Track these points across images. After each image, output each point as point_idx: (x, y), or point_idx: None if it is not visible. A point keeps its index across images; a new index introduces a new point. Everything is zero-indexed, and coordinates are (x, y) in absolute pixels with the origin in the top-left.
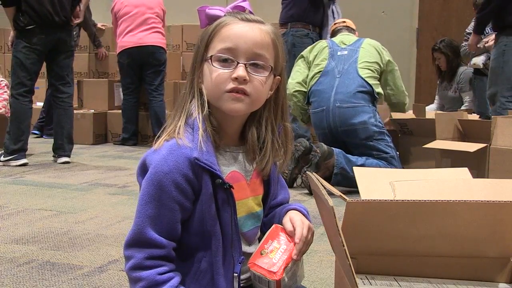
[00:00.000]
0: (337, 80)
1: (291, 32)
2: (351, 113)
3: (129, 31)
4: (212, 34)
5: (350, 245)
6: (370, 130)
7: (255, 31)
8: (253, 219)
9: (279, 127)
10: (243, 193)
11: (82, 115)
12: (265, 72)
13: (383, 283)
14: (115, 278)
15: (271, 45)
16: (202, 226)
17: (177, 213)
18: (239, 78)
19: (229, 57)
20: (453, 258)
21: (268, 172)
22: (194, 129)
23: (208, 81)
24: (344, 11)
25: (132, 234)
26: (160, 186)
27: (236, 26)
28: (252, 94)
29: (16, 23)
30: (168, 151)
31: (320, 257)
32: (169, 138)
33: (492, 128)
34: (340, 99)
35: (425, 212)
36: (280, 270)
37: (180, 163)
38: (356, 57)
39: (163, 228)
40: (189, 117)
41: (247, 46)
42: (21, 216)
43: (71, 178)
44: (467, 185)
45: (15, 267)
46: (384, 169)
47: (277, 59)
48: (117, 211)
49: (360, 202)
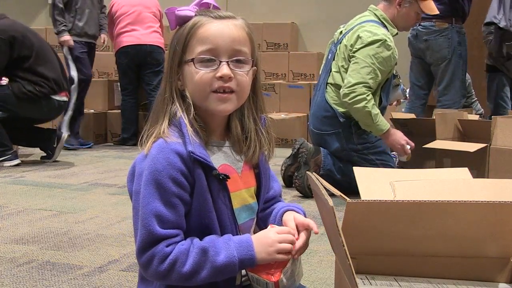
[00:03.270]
0: (315, 96)
1: (455, 28)
2: (324, 140)
3: (127, 30)
4: (189, 36)
5: (350, 245)
6: (350, 155)
7: (231, 28)
8: (248, 211)
9: (262, 118)
10: (236, 185)
11: None
12: (247, 67)
13: (383, 283)
14: (115, 278)
15: (247, 39)
16: (200, 219)
17: (180, 207)
18: (224, 76)
19: (212, 57)
20: (453, 258)
21: (256, 161)
22: (181, 126)
23: (191, 84)
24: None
25: (143, 237)
26: (158, 184)
27: (212, 25)
28: (238, 90)
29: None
30: (158, 150)
31: (320, 257)
32: (155, 139)
33: (492, 128)
34: (313, 122)
35: (425, 212)
36: (277, 271)
37: (172, 159)
38: (331, 64)
39: (170, 225)
40: (172, 118)
41: (227, 44)
42: (21, 216)
43: (71, 178)
44: (467, 185)
45: (15, 267)
46: (384, 169)
47: (253, 51)
48: (117, 211)
49: (360, 202)
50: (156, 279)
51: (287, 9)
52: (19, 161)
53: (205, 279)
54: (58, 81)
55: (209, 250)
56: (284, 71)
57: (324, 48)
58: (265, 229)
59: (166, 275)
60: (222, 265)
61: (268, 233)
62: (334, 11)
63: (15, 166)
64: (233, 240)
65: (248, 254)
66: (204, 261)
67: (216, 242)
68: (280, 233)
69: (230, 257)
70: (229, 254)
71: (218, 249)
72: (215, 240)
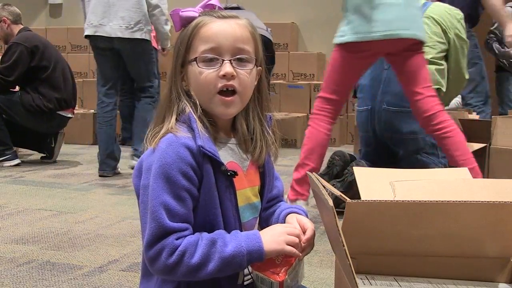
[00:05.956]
0: (385, 73)
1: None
2: (400, 119)
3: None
4: (192, 36)
5: (350, 245)
6: (421, 142)
7: (234, 27)
8: (251, 210)
9: (268, 116)
10: (241, 183)
11: (82, 115)
12: (250, 65)
13: (383, 283)
14: (115, 278)
15: (250, 38)
16: (205, 216)
17: (189, 201)
18: (227, 74)
19: (214, 56)
20: (453, 258)
21: (263, 161)
22: (190, 121)
23: (195, 83)
24: None
25: (152, 230)
26: (167, 178)
27: (215, 24)
28: (240, 90)
29: None
30: (167, 144)
31: (320, 257)
32: (164, 134)
33: (492, 128)
34: (388, 100)
35: (425, 212)
36: (282, 271)
37: (182, 153)
38: None
39: (179, 219)
40: (181, 114)
41: (229, 42)
42: (21, 216)
43: (71, 178)
44: (467, 185)
45: (15, 267)
46: (384, 169)
47: (257, 50)
48: (117, 211)
49: (360, 202)
50: (163, 273)
51: (287, 9)
52: (19, 161)
53: (212, 272)
54: (67, 99)
55: (218, 241)
56: (284, 71)
57: (324, 48)
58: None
59: (174, 268)
60: (230, 255)
61: (276, 227)
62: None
63: (15, 166)
64: (240, 233)
65: (256, 245)
66: (213, 252)
67: (224, 235)
68: (287, 227)
69: (239, 247)
70: (237, 245)
71: (227, 241)
72: (223, 233)
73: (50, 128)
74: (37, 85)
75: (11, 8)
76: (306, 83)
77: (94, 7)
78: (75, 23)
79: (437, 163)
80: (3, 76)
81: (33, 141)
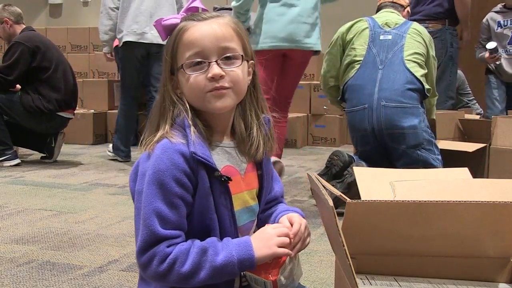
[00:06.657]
0: (380, 73)
1: (449, 30)
2: (400, 115)
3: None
4: (175, 43)
5: (350, 245)
6: (420, 136)
7: (215, 27)
8: (248, 213)
9: (267, 119)
10: (238, 187)
11: (82, 115)
12: (237, 62)
13: (383, 283)
14: (115, 278)
15: (234, 34)
16: (201, 221)
17: (182, 209)
18: (215, 76)
19: (200, 59)
20: (453, 258)
21: (260, 158)
22: (185, 126)
23: (187, 89)
24: None
25: (144, 237)
26: (161, 185)
27: (196, 28)
28: (232, 85)
29: None
30: (162, 150)
31: (320, 257)
32: (160, 139)
33: (492, 128)
34: (386, 96)
35: (425, 212)
36: (275, 270)
37: (176, 159)
38: (402, 45)
39: (172, 226)
40: (175, 118)
41: (212, 43)
42: (21, 216)
43: (71, 178)
44: (467, 185)
45: (15, 267)
46: (384, 169)
47: (244, 45)
48: (117, 211)
49: (360, 202)
50: (155, 279)
51: None
52: (19, 160)
53: (204, 280)
54: (67, 100)
55: (209, 250)
56: None
57: (324, 48)
58: (261, 228)
59: (165, 275)
60: (221, 264)
61: (265, 229)
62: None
63: (15, 166)
64: (232, 241)
65: (247, 253)
66: (204, 261)
67: (216, 243)
68: (276, 228)
69: (229, 257)
70: (227, 254)
71: (218, 250)
72: (215, 241)
73: (50, 128)
74: (37, 86)
75: (11, 8)
76: (306, 83)
77: (135, 16)
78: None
79: (435, 159)
80: (3, 75)
81: (33, 141)
